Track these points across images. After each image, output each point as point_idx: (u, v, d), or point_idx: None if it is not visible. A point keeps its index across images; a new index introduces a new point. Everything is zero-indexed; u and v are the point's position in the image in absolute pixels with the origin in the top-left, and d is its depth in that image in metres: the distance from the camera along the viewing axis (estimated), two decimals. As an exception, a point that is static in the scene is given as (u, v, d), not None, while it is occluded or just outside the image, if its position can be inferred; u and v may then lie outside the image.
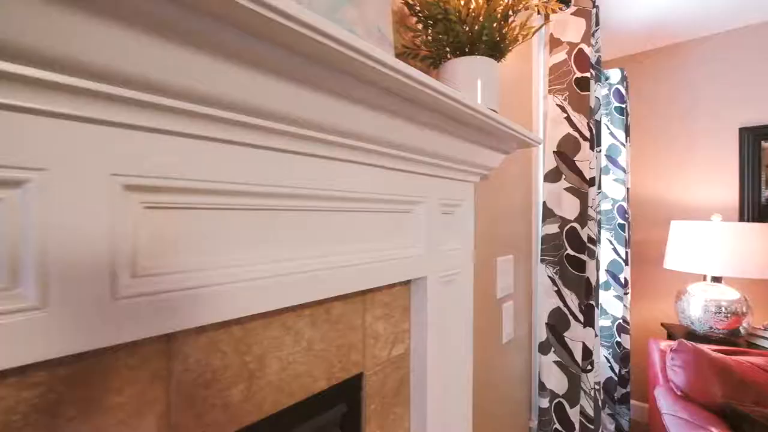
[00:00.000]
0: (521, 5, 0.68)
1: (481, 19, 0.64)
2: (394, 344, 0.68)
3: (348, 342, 0.59)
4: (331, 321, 0.56)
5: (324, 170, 0.49)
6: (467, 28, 0.65)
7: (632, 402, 2.07)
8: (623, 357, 1.86)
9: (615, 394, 1.87)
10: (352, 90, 0.44)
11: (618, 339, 1.86)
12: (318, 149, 0.47)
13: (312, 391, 0.54)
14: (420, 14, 0.68)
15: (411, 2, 0.68)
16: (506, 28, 0.68)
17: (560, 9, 1.25)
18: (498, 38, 0.69)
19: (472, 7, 0.66)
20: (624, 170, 1.88)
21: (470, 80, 0.67)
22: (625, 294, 1.88)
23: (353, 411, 0.62)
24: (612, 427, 1.85)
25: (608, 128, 1.91)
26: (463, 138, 0.67)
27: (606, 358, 1.88)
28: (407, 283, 0.70)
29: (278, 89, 0.39)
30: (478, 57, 0.66)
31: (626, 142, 1.91)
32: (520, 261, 1.25)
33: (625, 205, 1.87)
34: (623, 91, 1.88)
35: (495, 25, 0.66)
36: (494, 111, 0.68)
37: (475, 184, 0.84)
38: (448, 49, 0.68)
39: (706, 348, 1.45)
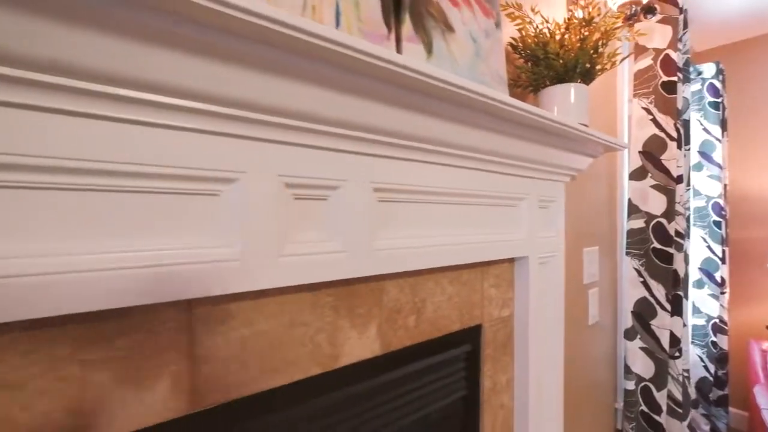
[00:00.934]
0: (609, 39, 0.85)
1: (573, 54, 0.82)
2: (503, 307, 0.89)
3: (472, 300, 0.82)
4: (462, 282, 0.79)
5: (457, 174, 0.72)
6: (563, 62, 0.84)
7: (731, 410, 1.99)
8: (719, 358, 1.82)
9: (710, 395, 1.84)
10: (486, 122, 0.66)
11: (713, 339, 1.82)
12: (462, 162, 0.70)
13: (450, 330, 0.77)
14: (522, 53, 0.88)
15: (515, 44, 0.89)
16: (596, 59, 0.85)
17: (645, 18, 1.34)
18: (589, 67, 0.86)
19: (566, 42, 0.84)
20: (720, 166, 1.84)
21: (565, 102, 0.85)
22: (722, 293, 1.83)
23: (474, 351, 0.84)
24: (707, 428, 1.82)
25: (701, 124, 1.88)
26: (558, 147, 0.85)
27: (699, 357, 1.85)
28: (512, 260, 0.91)
29: (448, 128, 0.62)
30: (571, 84, 0.85)
31: (722, 137, 1.86)
32: (605, 252, 1.36)
33: (721, 201, 1.83)
34: (718, 85, 1.84)
35: (586, 58, 0.84)
36: (585, 125, 0.86)
37: (565, 183, 1.01)
38: (546, 78, 0.87)
39: (815, 348, 1.41)
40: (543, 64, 0.84)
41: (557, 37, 0.85)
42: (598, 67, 0.86)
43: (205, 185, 0.44)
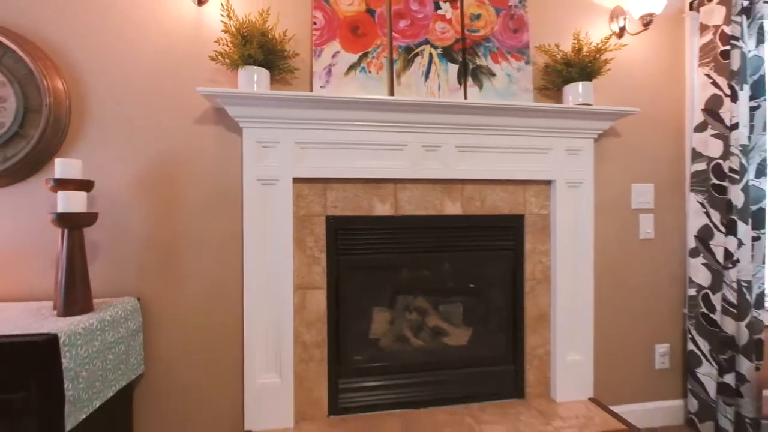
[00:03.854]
0: (600, 55, 1.50)
1: (574, 68, 1.53)
2: (541, 208, 1.66)
3: (516, 201, 1.64)
4: (509, 191, 1.63)
5: (505, 138, 1.57)
6: (568, 74, 1.55)
7: None
8: None
9: None
10: (523, 118, 1.51)
11: None
12: (506, 132, 1.56)
13: (501, 212, 1.63)
14: (548, 69, 1.62)
15: (546, 65, 1.64)
16: (595, 64, 1.52)
17: (709, 2, 1.74)
18: (592, 71, 1.53)
19: (571, 62, 1.55)
20: None
21: (574, 93, 1.55)
22: None
23: (519, 227, 1.65)
24: None
25: None
26: (575, 117, 1.55)
27: (842, 304, 1.82)
28: (548, 182, 1.65)
29: (496, 119, 1.51)
30: (578, 83, 1.54)
31: None
32: (667, 190, 1.79)
33: None
34: None
35: (586, 65, 1.52)
36: (588, 104, 1.53)
37: (593, 139, 1.64)
38: (564, 79, 1.59)
39: None
40: (560, 76, 1.58)
41: (567, 59, 1.56)
42: (597, 71, 1.52)
43: (395, 148, 1.52)
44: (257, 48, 1.33)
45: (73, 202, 1.15)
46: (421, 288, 1.71)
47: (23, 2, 1.34)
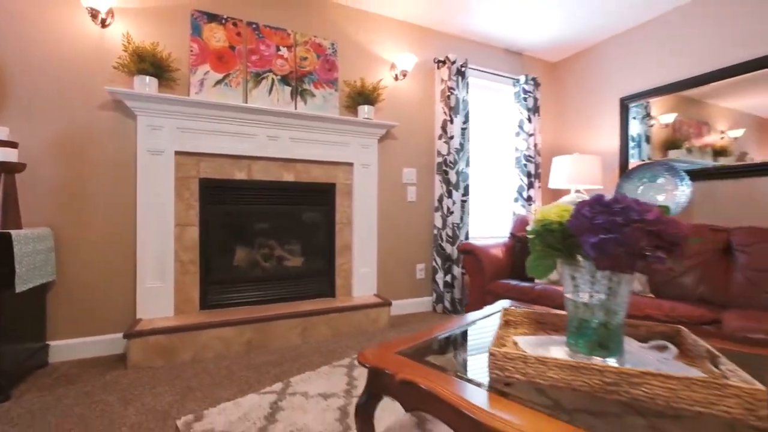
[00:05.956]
0: (376, 91, 2.62)
1: (360, 96, 2.61)
2: (346, 180, 2.71)
3: (330, 174, 2.66)
4: (326, 168, 2.64)
5: (323, 135, 2.56)
6: (360, 98, 2.62)
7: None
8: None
9: (522, 262, 3.30)
10: (330, 124, 2.51)
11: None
12: (324, 131, 2.55)
13: (322, 181, 2.62)
14: (350, 95, 2.69)
15: (347, 91, 2.70)
16: (374, 95, 2.62)
17: (444, 65, 3.01)
18: (372, 99, 2.63)
19: (362, 91, 2.63)
20: (528, 134, 3.28)
21: (363, 112, 2.64)
22: (529, 205, 3.28)
23: (332, 192, 2.68)
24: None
25: (519, 110, 3.33)
26: (361, 126, 2.63)
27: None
28: (351, 164, 2.71)
29: (314, 122, 2.49)
30: (365, 107, 2.63)
31: (534, 116, 3.29)
32: (424, 172, 3.03)
33: (527, 152, 3.28)
34: (527, 87, 3.28)
35: (369, 96, 2.61)
36: (369, 119, 2.63)
37: (378, 140, 2.76)
38: (358, 103, 2.66)
39: (531, 218, 2.88)
40: (354, 99, 2.64)
41: (359, 91, 2.64)
42: (375, 99, 2.63)
43: (248, 136, 2.38)
44: (149, 64, 2.05)
45: (9, 155, 1.74)
46: (269, 230, 2.61)
47: (-48, 9, 1.82)
